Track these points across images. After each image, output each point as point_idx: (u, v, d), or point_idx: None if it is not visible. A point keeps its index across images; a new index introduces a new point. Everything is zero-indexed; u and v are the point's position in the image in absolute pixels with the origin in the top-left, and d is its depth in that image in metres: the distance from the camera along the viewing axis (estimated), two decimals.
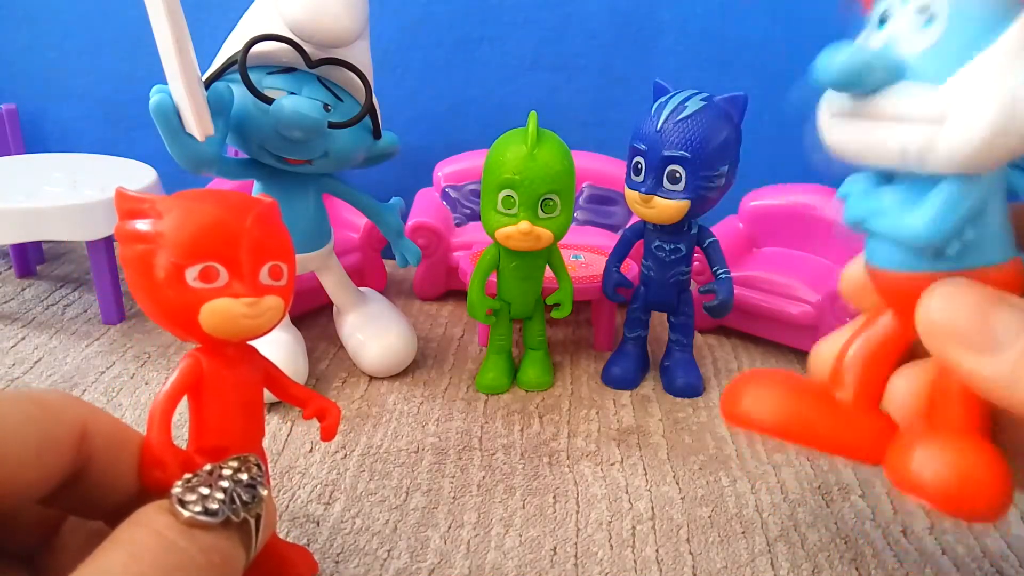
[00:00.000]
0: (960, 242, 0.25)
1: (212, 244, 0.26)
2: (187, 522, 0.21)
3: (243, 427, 0.30)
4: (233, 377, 0.29)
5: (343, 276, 0.53)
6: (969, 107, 0.22)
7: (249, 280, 0.27)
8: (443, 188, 0.68)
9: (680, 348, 0.53)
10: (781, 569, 0.36)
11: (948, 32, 0.23)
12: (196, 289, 0.26)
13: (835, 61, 0.24)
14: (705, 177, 0.44)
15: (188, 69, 0.35)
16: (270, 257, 0.28)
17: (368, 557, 0.36)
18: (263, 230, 0.28)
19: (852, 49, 0.24)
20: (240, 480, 0.24)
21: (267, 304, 0.27)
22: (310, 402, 0.33)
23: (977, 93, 0.22)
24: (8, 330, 0.56)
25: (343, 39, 0.43)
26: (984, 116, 0.22)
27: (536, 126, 0.44)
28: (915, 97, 0.23)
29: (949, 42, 0.23)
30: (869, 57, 0.24)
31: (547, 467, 0.43)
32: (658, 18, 0.69)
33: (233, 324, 0.27)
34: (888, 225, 0.26)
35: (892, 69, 0.24)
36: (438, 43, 0.72)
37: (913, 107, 0.23)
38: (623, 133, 0.48)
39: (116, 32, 0.74)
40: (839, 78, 0.24)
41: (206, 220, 0.26)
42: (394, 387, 0.51)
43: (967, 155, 0.23)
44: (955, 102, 0.22)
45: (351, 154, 0.45)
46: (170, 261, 0.26)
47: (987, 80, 0.22)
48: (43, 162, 0.64)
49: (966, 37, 0.23)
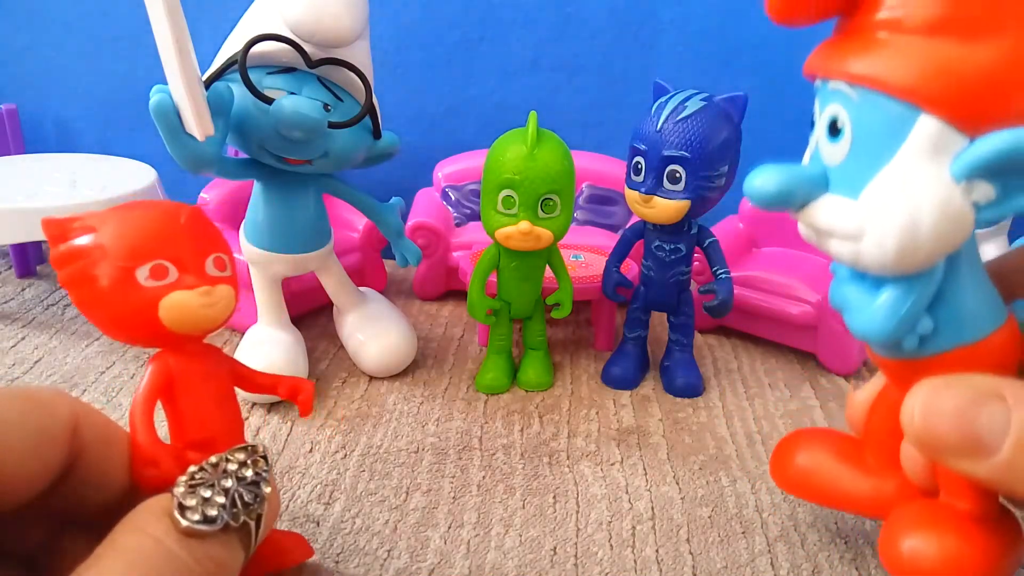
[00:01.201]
0: (916, 336, 0.26)
1: (156, 242, 0.27)
2: (185, 531, 0.21)
3: (222, 417, 0.31)
4: (202, 370, 0.30)
5: (343, 276, 0.53)
6: (877, 227, 0.23)
7: (197, 272, 0.28)
8: (443, 188, 0.68)
9: (680, 348, 0.53)
10: (781, 569, 0.36)
11: (855, 145, 0.24)
12: (150, 288, 0.27)
13: (758, 189, 0.25)
14: (705, 177, 0.44)
15: (188, 69, 0.35)
16: (212, 249, 0.29)
17: (368, 557, 0.36)
18: (198, 225, 0.29)
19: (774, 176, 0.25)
20: (244, 478, 0.24)
21: (220, 292, 0.28)
22: (280, 384, 0.34)
23: (883, 212, 0.23)
24: (8, 330, 0.56)
25: (343, 39, 0.43)
26: (890, 235, 0.23)
27: (536, 126, 0.44)
28: (836, 214, 0.25)
29: (858, 155, 0.24)
30: (789, 183, 0.25)
31: (547, 467, 0.43)
32: (658, 18, 0.69)
33: (192, 315, 0.27)
34: (850, 321, 0.27)
35: (816, 185, 0.25)
36: (438, 43, 0.72)
37: (836, 224, 0.25)
38: (623, 133, 0.48)
39: (116, 32, 0.75)
40: (764, 205, 0.25)
41: (144, 222, 0.27)
42: (394, 387, 0.51)
43: (888, 267, 0.24)
44: (867, 220, 0.24)
45: (351, 154, 0.45)
46: (118, 266, 0.26)
47: (890, 197, 0.23)
48: (43, 162, 0.64)
49: (871, 150, 0.24)
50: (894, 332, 0.26)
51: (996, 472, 0.23)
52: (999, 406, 0.23)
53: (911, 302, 0.25)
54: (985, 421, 0.23)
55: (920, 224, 0.23)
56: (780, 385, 0.54)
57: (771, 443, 0.46)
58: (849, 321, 0.28)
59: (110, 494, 0.24)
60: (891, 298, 0.25)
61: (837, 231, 0.25)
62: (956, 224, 0.23)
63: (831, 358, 0.55)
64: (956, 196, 0.22)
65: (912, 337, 0.26)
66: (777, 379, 0.55)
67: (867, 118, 0.24)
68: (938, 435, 0.24)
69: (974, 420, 0.24)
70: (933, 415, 0.25)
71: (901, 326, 0.25)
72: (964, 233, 0.23)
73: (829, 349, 0.55)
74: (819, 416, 0.50)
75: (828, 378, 0.55)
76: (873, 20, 0.23)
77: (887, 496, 0.33)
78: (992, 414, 0.23)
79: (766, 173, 0.25)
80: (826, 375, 0.55)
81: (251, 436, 0.45)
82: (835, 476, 0.35)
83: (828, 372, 0.56)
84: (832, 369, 0.56)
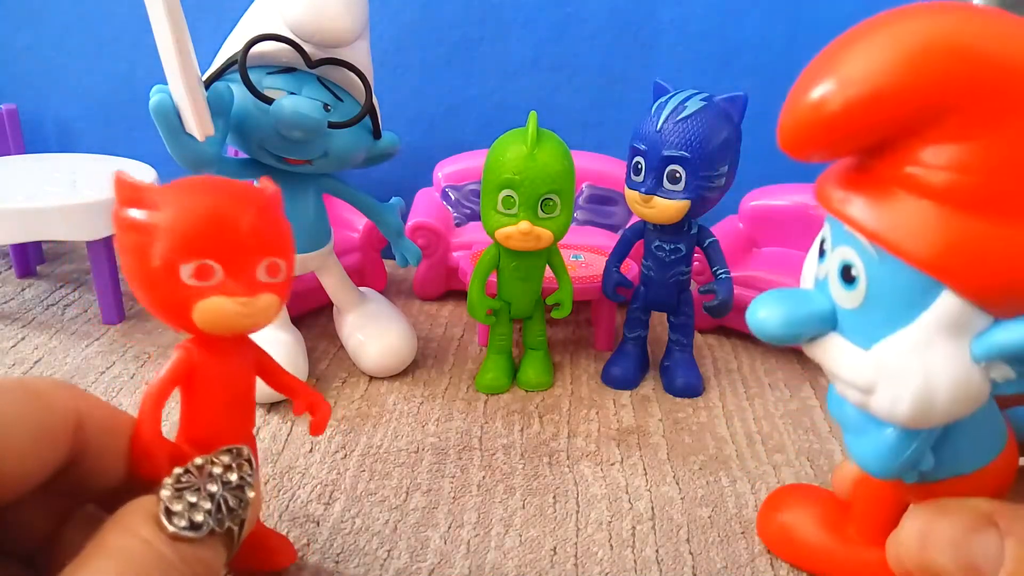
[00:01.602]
0: (916, 473, 0.26)
1: (208, 241, 0.25)
2: (172, 536, 0.21)
3: (233, 420, 0.30)
4: (224, 370, 0.29)
5: (343, 276, 0.53)
6: (890, 388, 0.22)
7: (245, 278, 0.26)
8: (443, 188, 0.68)
9: (680, 348, 0.53)
10: (781, 569, 0.36)
11: (870, 299, 0.23)
12: (190, 286, 0.25)
13: (762, 323, 0.24)
14: (705, 177, 0.44)
15: (188, 69, 0.35)
16: (268, 253, 0.27)
17: (368, 557, 0.36)
18: (263, 225, 0.27)
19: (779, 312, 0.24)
20: (229, 482, 0.24)
21: (262, 303, 0.27)
22: (302, 394, 0.32)
23: (897, 375, 0.22)
24: (8, 330, 0.56)
25: (343, 39, 0.43)
26: (904, 400, 0.22)
27: (536, 126, 0.44)
28: (847, 361, 0.23)
29: (872, 309, 0.23)
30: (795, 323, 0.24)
31: (547, 467, 0.43)
32: (658, 18, 0.69)
33: (227, 322, 0.26)
34: (849, 444, 0.27)
35: (824, 323, 0.24)
36: (438, 43, 0.72)
37: (844, 371, 0.24)
38: (623, 133, 0.48)
39: (116, 32, 0.75)
40: (773, 339, 0.24)
41: (203, 215, 0.25)
42: (394, 387, 0.51)
43: (897, 423, 0.23)
44: (879, 376, 0.22)
45: (351, 154, 0.45)
46: (165, 256, 0.25)
47: (906, 362, 0.22)
48: (43, 162, 0.64)
49: (888, 309, 0.22)
50: (895, 472, 0.25)
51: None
52: (993, 534, 0.24)
53: (916, 445, 0.24)
54: (980, 550, 0.24)
55: (936, 396, 0.22)
56: (780, 385, 0.54)
57: (771, 443, 0.47)
58: (848, 443, 0.27)
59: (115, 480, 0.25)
60: (895, 440, 0.25)
61: (845, 379, 0.24)
62: (972, 398, 0.22)
63: None
64: (975, 374, 0.22)
65: (912, 474, 0.26)
66: (777, 379, 0.55)
67: (886, 278, 0.22)
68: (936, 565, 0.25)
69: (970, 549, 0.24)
70: (930, 546, 0.25)
71: (903, 466, 0.25)
72: (979, 404, 0.22)
73: None
74: (819, 416, 0.50)
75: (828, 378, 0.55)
76: (899, 173, 0.21)
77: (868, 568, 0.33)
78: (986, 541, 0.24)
79: (770, 306, 0.24)
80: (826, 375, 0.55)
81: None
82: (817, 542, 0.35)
83: None
84: None
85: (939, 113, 0.19)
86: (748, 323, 0.24)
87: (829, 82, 0.20)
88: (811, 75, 0.21)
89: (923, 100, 0.19)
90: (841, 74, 0.20)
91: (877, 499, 0.33)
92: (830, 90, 0.20)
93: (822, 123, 0.20)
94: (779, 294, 0.24)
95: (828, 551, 0.35)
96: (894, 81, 0.19)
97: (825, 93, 0.20)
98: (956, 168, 0.20)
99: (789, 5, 0.67)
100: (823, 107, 0.20)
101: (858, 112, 0.20)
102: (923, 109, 0.19)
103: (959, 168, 0.20)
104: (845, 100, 0.20)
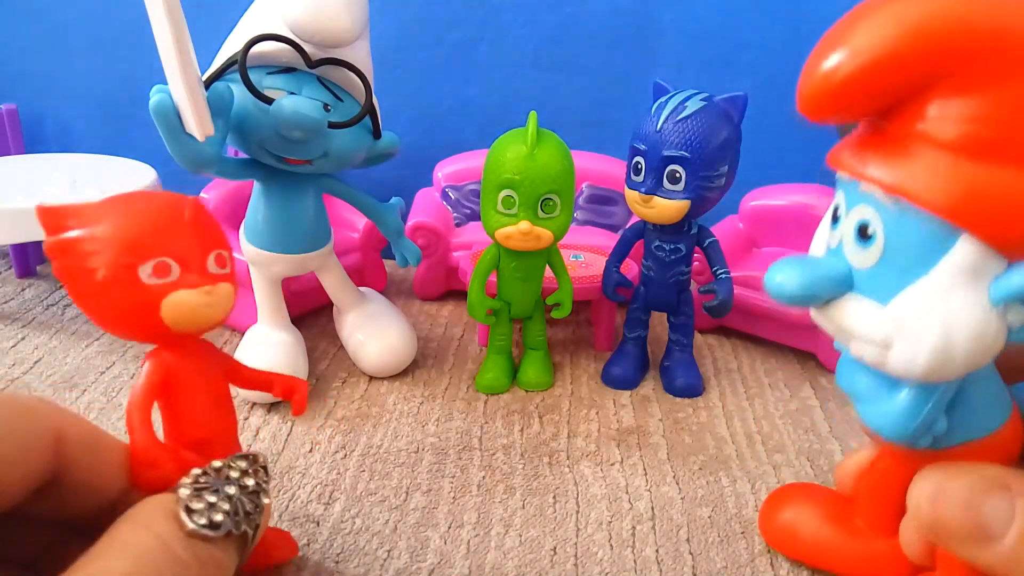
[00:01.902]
0: (931, 436, 0.26)
1: (160, 238, 0.26)
2: (190, 533, 0.21)
3: (218, 417, 0.30)
4: (199, 369, 0.29)
5: (343, 276, 0.53)
6: (907, 341, 0.23)
7: (200, 270, 0.27)
8: (443, 188, 0.68)
9: (680, 348, 0.53)
10: (781, 569, 0.36)
11: (888, 253, 0.24)
12: (152, 286, 0.26)
13: (779, 287, 0.25)
14: (705, 177, 0.44)
15: (188, 69, 0.35)
16: (214, 246, 0.28)
17: (368, 557, 0.36)
18: (201, 221, 0.28)
19: (796, 275, 0.25)
20: (246, 487, 0.24)
21: (222, 291, 0.28)
22: (276, 383, 0.33)
23: (916, 326, 0.23)
24: (8, 330, 0.56)
25: (343, 39, 0.43)
26: (923, 350, 0.23)
27: (536, 126, 0.44)
28: (863, 318, 0.24)
29: (890, 263, 0.24)
30: (812, 284, 0.25)
31: (547, 467, 0.43)
32: (658, 18, 0.69)
33: (194, 315, 0.27)
34: (862, 412, 0.27)
35: (840, 284, 0.25)
36: (438, 43, 0.72)
37: (861, 328, 0.24)
38: (623, 133, 0.48)
39: (116, 32, 0.75)
40: (787, 303, 0.25)
41: (149, 217, 0.27)
42: (394, 387, 0.51)
43: (916, 377, 0.24)
44: (897, 330, 0.23)
45: (351, 154, 0.45)
46: (120, 262, 0.26)
47: (925, 312, 0.23)
48: (43, 162, 0.64)
49: (905, 261, 0.23)
50: (912, 435, 0.26)
51: (1000, 559, 0.24)
52: (1004, 495, 0.24)
53: (931, 406, 0.25)
54: (991, 510, 0.24)
55: (955, 343, 0.22)
56: (780, 385, 0.54)
57: (771, 443, 0.47)
58: (862, 412, 0.27)
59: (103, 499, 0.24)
60: (910, 401, 0.25)
61: (863, 336, 0.24)
62: (990, 344, 0.23)
63: (831, 358, 0.55)
64: (993, 318, 0.22)
65: (927, 437, 0.26)
66: (777, 379, 0.55)
67: (903, 229, 0.23)
68: (946, 522, 0.25)
69: (980, 508, 0.24)
70: (942, 503, 0.25)
71: (919, 428, 0.25)
72: (996, 351, 0.23)
73: (829, 349, 0.55)
74: (819, 416, 0.50)
75: (828, 378, 0.55)
76: (912, 130, 0.22)
77: (877, 559, 0.33)
78: (997, 503, 0.24)
79: (787, 270, 0.25)
80: (826, 375, 0.55)
81: (251, 436, 0.45)
82: (823, 536, 0.35)
83: (828, 372, 0.56)
84: (832, 369, 0.55)
85: (942, 74, 0.21)
86: (766, 287, 0.25)
87: (839, 53, 0.22)
88: (824, 47, 0.23)
89: (924, 65, 0.21)
90: (849, 45, 0.22)
91: (883, 486, 0.33)
92: (839, 59, 0.22)
93: (833, 89, 0.22)
94: (795, 259, 0.25)
95: (835, 545, 0.35)
96: (896, 48, 0.21)
97: (835, 62, 0.22)
98: (967, 120, 0.21)
99: (789, 5, 0.67)
100: (833, 75, 0.22)
101: (864, 77, 0.22)
102: (926, 72, 0.21)
103: (970, 120, 0.21)
104: (852, 67, 0.22)
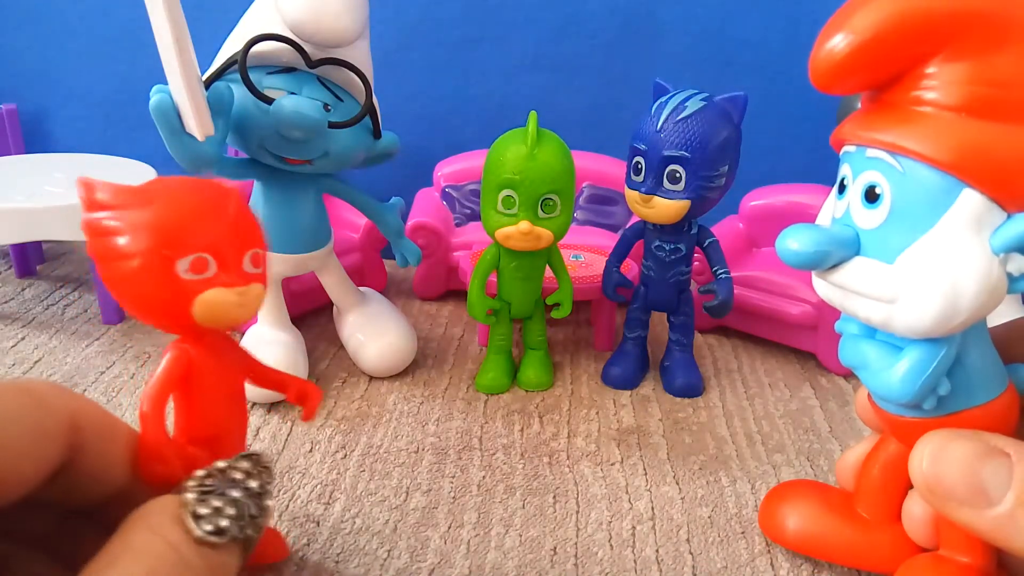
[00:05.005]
0: (935, 397, 0.27)
1: (202, 233, 0.26)
2: (198, 540, 0.21)
3: (231, 416, 0.30)
4: (220, 365, 0.29)
5: (343, 276, 0.53)
6: (915, 293, 0.25)
7: (236, 268, 0.27)
8: (443, 188, 0.68)
9: (680, 348, 0.53)
10: (781, 569, 0.36)
11: (894, 212, 0.25)
12: (187, 281, 0.25)
13: (793, 251, 0.27)
14: (705, 177, 0.44)
15: (188, 69, 0.35)
16: (251, 245, 0.27)
17: (368, 557, 0.36)
18: (242, 217, 0.27)
19: (809, 238, 0.26)
20: (251, 489, 0.24)
21: (254, 292, 0.27)
22: (291, 385, 0.33)
23: (923, 278, 0.24)
24: (8, 330, 0.56)
25: (343, 39, 0.43)
26: (929, 302, 0.24)
27: (536, 126, 0.44)
28: (870, 276, 0.26)
29: (896, 222, 0.25)
30: (824, 245, 0.26)
31: (547, 467, 0.43)
32: (658, 18, 0.69)
33: (225, 313, 0.26)
34: (869, 381, 0.28)
35: (848, 247, 0.26)
36: (438, 43, 0.72)
37: (869, 286, 0.26)
38: (623, 133, 0.48)
39: (116, 32, 0.74)
40: (799, 264, 0.27)
41: (195, 210, 0.26)
42: (394, 387, 0.51)
43: (922, 331, 0.25)
44: (903, 286, 0.25)
45: (351, 154, 0.45)
46: (159, 253, 0.25)
47: (930, 265, 0.24)
48: (43, 162, 0.64)
49: (911, 218, 0.25)
50: (917, 394, 0.27)
51: (997, 524, 0.24)
52: (1004, 461, 0.25)
53: (935, 365, 0.26)
54: (990, 474, 0.25)
55: (961, 293, 0.24)
56: (780, 385, 0.54)
57: (771, 443, 0.47)
58: (868, 380, 0.28)
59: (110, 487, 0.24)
60: (915, 360, 0.26)
61: (870, 294, 0.26)
62: (993, 293, 0.24)
63: (831, 358, 0.55)
64: (995, 267, 0.24)
65: (932, 398, 0.27)
66: (777, 379, 0.55)
67: (910, 187, 0.25)
68: (944, 484, 0.26)
69: (980, 471, 0.25)
70: (941, 464, 0.26)
71: (924, 388, 0.26)
72: (998, 301, 0.24)
73: (829, 349, 0.55)
74: (819, 416, 0.50)
75: (828, 378, 0.55)
76: (913, 96, 0.24)
77: (880, 547, 0.34)
78: (996, 467, 0.25)
79: (800, 234, 0.26)
80: (826, 375, 0.55)
81: (251, 436, 0.45)
82: (825, 527, 0.35)
83: (828, 372, 0.56)
84: (832, 369, 0.56)
85: (938, 47, 0.24)
86: (778, 252, 0.27)
87: (842, 33, 0.24)
88: (830, 28, 0.25)
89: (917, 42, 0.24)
90: (850, 26, 0.24)
91: (885, 471, 0.33)
92: (842, 38, 0.24)
93: (838, 63, 0.25)
94: (804, 225, 0.27)
95: (836, 535, 0.35)
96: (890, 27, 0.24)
97: (838, 41, 0.24)
98: (966, 82, 0.23)
99: (789, 5, 0.67)
100: (836, 52, 0.24)
101: (863, 53, 0.24)
102: (920, 47, 0.24)
103: (968, 82, 0.23)
104: (852, 45, 0.24)
